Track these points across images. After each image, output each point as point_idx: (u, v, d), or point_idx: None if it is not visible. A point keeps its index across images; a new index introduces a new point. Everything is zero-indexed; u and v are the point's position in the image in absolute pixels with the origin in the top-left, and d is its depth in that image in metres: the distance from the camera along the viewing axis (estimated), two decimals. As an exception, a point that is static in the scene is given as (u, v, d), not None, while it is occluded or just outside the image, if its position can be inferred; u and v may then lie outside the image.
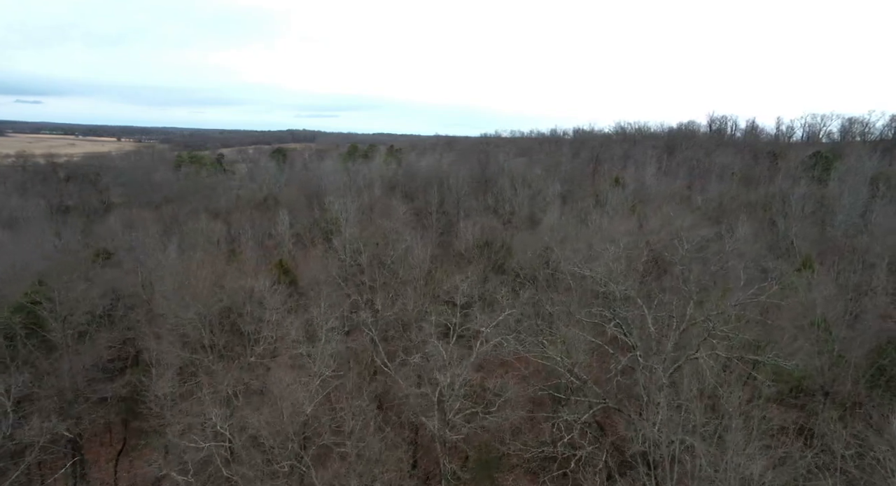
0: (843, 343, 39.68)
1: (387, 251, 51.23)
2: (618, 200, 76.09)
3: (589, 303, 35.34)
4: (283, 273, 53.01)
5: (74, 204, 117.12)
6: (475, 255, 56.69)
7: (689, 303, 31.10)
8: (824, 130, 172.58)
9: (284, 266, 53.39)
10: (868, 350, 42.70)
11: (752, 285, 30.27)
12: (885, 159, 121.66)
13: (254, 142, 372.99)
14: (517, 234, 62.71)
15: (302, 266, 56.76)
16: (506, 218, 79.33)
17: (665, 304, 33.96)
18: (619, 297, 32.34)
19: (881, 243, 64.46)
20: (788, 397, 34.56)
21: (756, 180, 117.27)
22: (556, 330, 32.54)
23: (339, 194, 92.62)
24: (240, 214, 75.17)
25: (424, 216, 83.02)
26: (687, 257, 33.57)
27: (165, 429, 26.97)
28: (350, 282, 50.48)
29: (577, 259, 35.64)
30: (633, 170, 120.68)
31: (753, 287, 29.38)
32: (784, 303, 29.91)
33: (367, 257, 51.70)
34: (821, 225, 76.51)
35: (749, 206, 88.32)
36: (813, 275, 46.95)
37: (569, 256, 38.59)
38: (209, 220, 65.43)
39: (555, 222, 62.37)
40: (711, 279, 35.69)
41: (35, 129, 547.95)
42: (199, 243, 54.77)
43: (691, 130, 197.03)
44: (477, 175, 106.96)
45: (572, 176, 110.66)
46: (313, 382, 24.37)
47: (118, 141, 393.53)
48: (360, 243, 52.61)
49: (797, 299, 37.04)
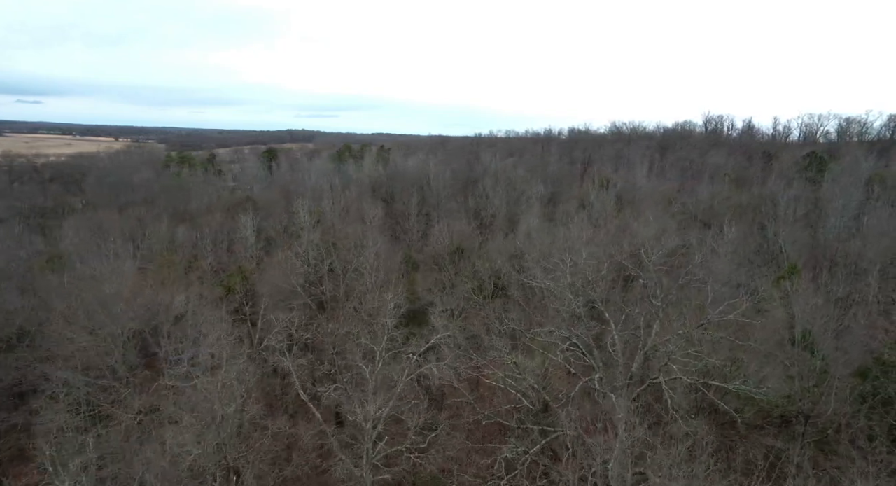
0: (826, 361, 37.04)
1: (349, 258, 48.60)
2: (602, 203, 73.37)
3: (553, 318, 32.72)
4: (241, 281, 50.42)
5: (52, 205, 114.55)
6: (446, 261, 54.02)
7: (656, 321, 28.48)
8: (821, 131, 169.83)
9: (243, 274, 50.74)
10: (854, 369, 40.05)
11: (722, 301, 27.63)
12: (882, 160, 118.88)
13: (252, 142, 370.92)
14: (491, 239, 60.06)
15: (268, 273, 54.11)
16: (487, 221, 76.67)
17: (634, 317, 31.34)
18: (582, 313, 29.67)
19: (874, 248, 61.60)
20: (764, 423, 31.89)
21: (749, 182, 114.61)
22: (511, 349, 29.90)
23: (315, 196, 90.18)
24: (210, 217, 72.51)
25: (403, 219, 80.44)
26: (657, 268, 30.90)
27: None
28: (308, 291, 47.86)
29: (536, 269, 33.01)
30: (625, 171, 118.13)
31: (723, 304, 26.72)
32: (757, 322, 27.19)
33: (328, 265, 49.13)
34: (811, 229, 73.63)
35: (739, 208, 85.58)
36: (798, 284, 44.17)
37: (529, 266, 36.01)
38: (172, 224, 62.76)
39: (531, 227, 59.67)
40: (683, 293, 32.93)
41: (33, 129, 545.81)
42: (156, 250, 52.09)
43: (687, 129, 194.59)
44: (462, 176, 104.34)
45: (560, 177, 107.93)
46: (208, 422, 21.28)
47: (116, 141, 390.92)
48: (322, 249, 49.99)
49: (776, 313, 34.33)
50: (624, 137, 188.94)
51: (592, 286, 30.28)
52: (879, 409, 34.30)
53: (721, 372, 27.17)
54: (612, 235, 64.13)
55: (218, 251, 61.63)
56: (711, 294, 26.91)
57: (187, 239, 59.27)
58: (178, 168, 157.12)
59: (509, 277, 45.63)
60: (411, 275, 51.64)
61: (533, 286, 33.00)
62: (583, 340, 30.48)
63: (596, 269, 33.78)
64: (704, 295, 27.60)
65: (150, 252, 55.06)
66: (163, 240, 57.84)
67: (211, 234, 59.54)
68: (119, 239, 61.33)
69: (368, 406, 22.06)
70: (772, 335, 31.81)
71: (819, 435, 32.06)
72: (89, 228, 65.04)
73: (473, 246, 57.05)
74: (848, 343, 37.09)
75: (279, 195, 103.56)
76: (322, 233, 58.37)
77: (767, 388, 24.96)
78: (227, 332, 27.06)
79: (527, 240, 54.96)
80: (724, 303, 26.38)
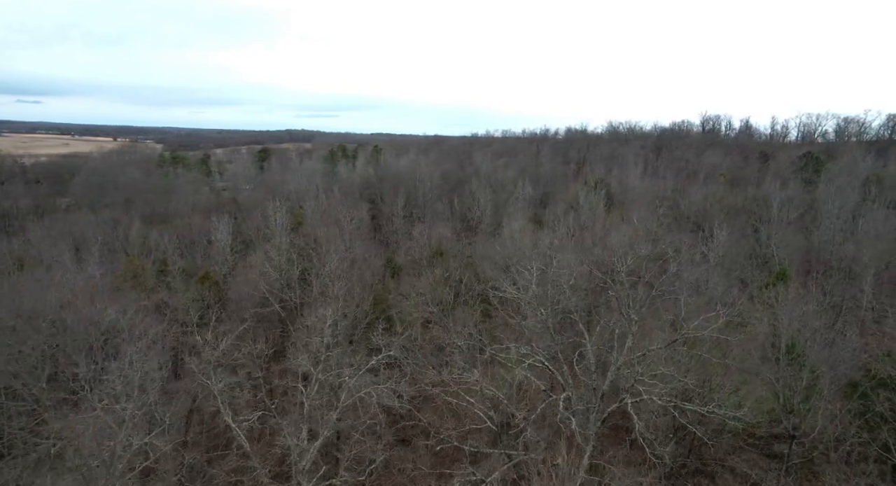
0: (815, 374, 35.07)
1: (322, 263, 46.68)
2: (590, 205, 71.39)
3: (517, 330, 30.74)
4: (210, 288, 48.51)
5: (34, 206, 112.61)
6: (424, 266, 52.11)
7: (629, 336, 26.54)
8: (819, 130, 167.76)
9: (209, 280, 48.82)
10: (846, 383, 38.08)
11: (698, 314, 25.68)
12: (881, 160, 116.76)
13: (250, 142, 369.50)
14: (473, 243, 58.13)
15: (238, 279, 52.24)
16: (473, 223, 74.72)
17: (610, 329, 29.42)
18: (551, 324, 27.72)
19: (868, 252, 59.55)
20: (745, 444, 29.99)
21: (745, 183, 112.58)
22: (476, 364, 27.94)
23: (297, 198, 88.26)
24: (188, 219, 70.63)
25: (387, 222, 78.56)
26: (630, 277, 28.96)
27: None
28: (278, 298, 45.95)
29: (502, 278, 31.00)
30: (618, 171, 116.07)
31: (699, 318, 24.76)
32: (736, 338, 25.18)
33: (299, 271, 47.22)
34: (806, 232, 71.54)
35: (732, 210, 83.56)
36: (785, 291, 42.11)
37: (493, 274, 34.03)
38: (146, 226, 60.81)
39: (513, 231, 57.74)
40: (657, 304, 30.99)
41: (31, 129, 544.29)
42: (123, 254, 50.14)
43: (684, 129, 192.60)
44: (453, 177, 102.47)
45: (553, 178, 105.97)
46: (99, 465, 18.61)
47: (114, 141, 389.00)
48: (293, 253, 48.09)
49: (761, 325, 32.34)
50: (620, 137, 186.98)
51: (566, 296, 28.35)
52: (869, 428, 32.44)
53: (697, 393, 25.29)
54: (598, 239, 62.26)
55: (192, 255, 59.73)
56: (685, 308, 24.93)
57: (160, 242, 57.26)
58: (171, 168, 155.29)
59: (472, 285, 43.68)
60: (386, 282, 49.67)
61: (501, 296, 31.04)
62: (550, 355, 28.56)
63: (569, 276, 31.85)
64: (678, 308, 25.64)
65: (118, 256, 53.14)
66: (134, 243, 55.91)
67: (185, 237, 57.58)
68: (88, 242, 59.51)
69: (301, 435, 20.12)
70: (755, 350, 29.85)
71: (805, 456, 30.13)
72: (60, 231, 63.19)
73: (454, 250, 55.12)
74: (839, 354, 35.10)
75: (265, 197, 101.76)
76: (295, 237, 56.48)
77: (746, 411, 22.98)
78: (147, 349, 24.89)
79: (507, 244, 53.05)
80: (700, 317, 24.40)
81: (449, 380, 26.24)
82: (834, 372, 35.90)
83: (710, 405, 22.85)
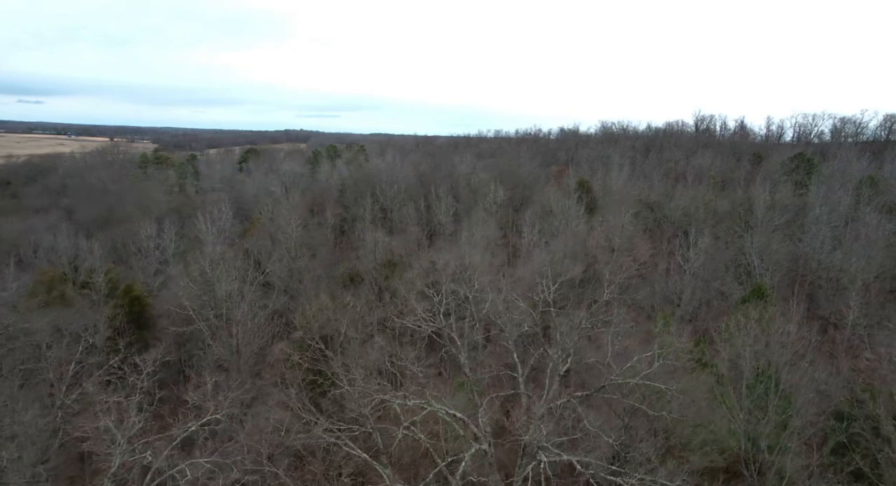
0: (787, 401, 30.78)
1: (249, 277, 42.41)
2: (563, 210, 67.04)
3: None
4: (131, 304, 44.24)
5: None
6: (371, 278, 47.89)
7: (556, 377, 22.24)
8: (815, 131, 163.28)
9: (132, 294, 44.48)
10: (825, 411, 33.81)
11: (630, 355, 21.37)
12: (876, 161, 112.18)
13: (246, 142, 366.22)
14: (423, 252, 53.88)
15: (165, 293, 47.97)
16: (437, 229, 70.48)
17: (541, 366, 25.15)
18: (465, 362, 23.41)
19: (858, 260, 55.11)
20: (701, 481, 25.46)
21: (735, 185, 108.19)
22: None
23: (257, 202, 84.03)
24: (136, 225, 66.24)
25: (350, 227, 74.29)
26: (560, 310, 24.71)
27: None
28: (202, 316, 41.63)
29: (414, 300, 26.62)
30: (603, 173, 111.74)
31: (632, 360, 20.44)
32: (672, 387, 20.73)
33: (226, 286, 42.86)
34: (794, 238, 67.00)
35: (716, 215, 79.31)
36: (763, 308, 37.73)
37: (407, 297, 29.75)
38: (83, 231, 56.46)
39: (475, 238, 53.45)
40: (586, 341, 26.64)
41: (29, 128, 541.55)
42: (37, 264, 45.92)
43: (678, 129, 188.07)
44: (428, 179, 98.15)
45: (534, 180, 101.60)
46: None
47: (110, 141, 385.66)
48: (222, 265, 43.79)
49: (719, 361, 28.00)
50: (613, 137, 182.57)
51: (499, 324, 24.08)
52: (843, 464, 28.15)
53: (625, 456, 21.03)
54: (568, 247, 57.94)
55: (129, 266, 55.42)
56: (612, 348, 20.65)
57: (93, 250, 52.87)
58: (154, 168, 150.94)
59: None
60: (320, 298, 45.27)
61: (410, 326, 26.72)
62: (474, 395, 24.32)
63: (504, 301, 27.51)
64: (607, 347, 21.36)
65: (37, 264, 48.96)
66: (62, 251, 51.61)
67: (133, 244, 53.07)
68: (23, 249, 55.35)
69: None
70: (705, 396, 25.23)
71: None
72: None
73: (405, 261, 50.88)
74: (813, 379, 30.63)
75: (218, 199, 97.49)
76: (239, 245, 52.31)
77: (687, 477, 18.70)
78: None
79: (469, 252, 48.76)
80: (636, 357, 20.08)
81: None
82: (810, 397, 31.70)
83: (641, 472, 18.53)
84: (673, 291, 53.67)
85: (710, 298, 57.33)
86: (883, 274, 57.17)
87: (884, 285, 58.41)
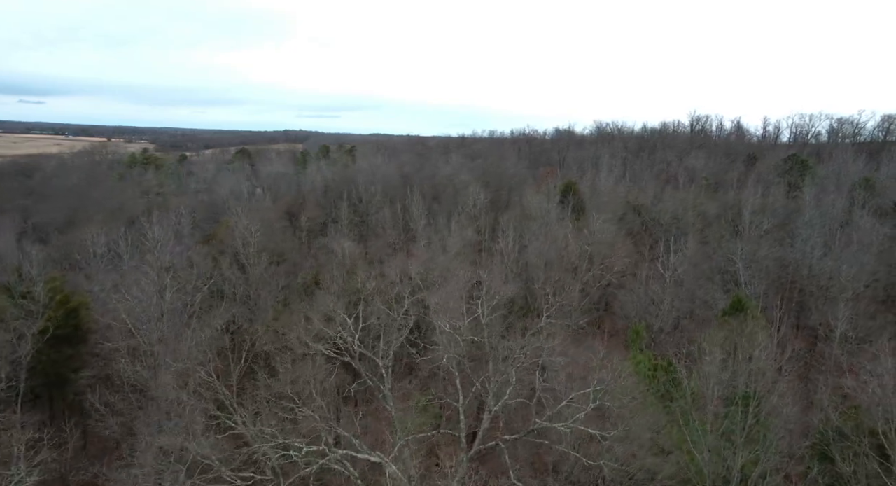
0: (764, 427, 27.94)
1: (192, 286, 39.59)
2: (543, 214, 64.13)
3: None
4: (66, 316, 41.36)
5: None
6: (329, 288, 44.97)
7: (486, 410, 19.33)
8: (812, 131, 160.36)
9: (68, 306, 41.59)
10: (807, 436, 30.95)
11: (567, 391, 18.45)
12: (873, 163, 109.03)
13: (245, 142, 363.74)
14: (398, 257, 51.08)
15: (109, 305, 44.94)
16: (412, 234, 67.65)
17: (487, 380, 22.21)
18: (385, 390, 20.49)
19: (849, 268, 51.99)
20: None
21: (726, 186, 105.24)
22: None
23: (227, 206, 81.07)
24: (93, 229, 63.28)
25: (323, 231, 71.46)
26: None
27: None
28: (141, 332, 38.73)
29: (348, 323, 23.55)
30: (592, 174, 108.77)
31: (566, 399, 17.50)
32: (604, 434, 17.89)
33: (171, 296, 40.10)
34: (784, 244, 63.93)
35: (705, 219, 76.39)
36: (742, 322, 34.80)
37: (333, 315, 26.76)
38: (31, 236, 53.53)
39: (447, 242, 50.57)
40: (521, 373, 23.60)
41: (27, 129, 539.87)
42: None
43: (673, 130, 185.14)
44: (410, 182, 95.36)
45: (519, 182, 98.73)
46: None
47: (108, 141, 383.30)
48: (167, 274, 40.96)
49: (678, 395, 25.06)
50: (607, 138, 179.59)
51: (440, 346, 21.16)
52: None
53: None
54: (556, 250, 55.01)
55: (78, 273, 52.46)
56: (542, 380, 17.69)
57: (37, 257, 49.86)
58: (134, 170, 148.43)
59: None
60: (278, 310, 42.44)
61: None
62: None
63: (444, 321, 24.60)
64: (537, 381, 18.39)
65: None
66: (4, 257, 48.77)
67: (87, 250, 50.07)
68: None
69: None
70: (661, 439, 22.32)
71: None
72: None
73: (370, 269, 47.98)
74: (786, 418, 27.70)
75: (205, 202, 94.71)
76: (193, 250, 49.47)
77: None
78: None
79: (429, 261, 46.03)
80: (568, 397, 17.14)
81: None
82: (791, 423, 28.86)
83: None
84: (652, 300, 50.70)
85: (693, 308, 54.35)
86: (875, 283, 54.21)
87: (876, 294, 55.47)
